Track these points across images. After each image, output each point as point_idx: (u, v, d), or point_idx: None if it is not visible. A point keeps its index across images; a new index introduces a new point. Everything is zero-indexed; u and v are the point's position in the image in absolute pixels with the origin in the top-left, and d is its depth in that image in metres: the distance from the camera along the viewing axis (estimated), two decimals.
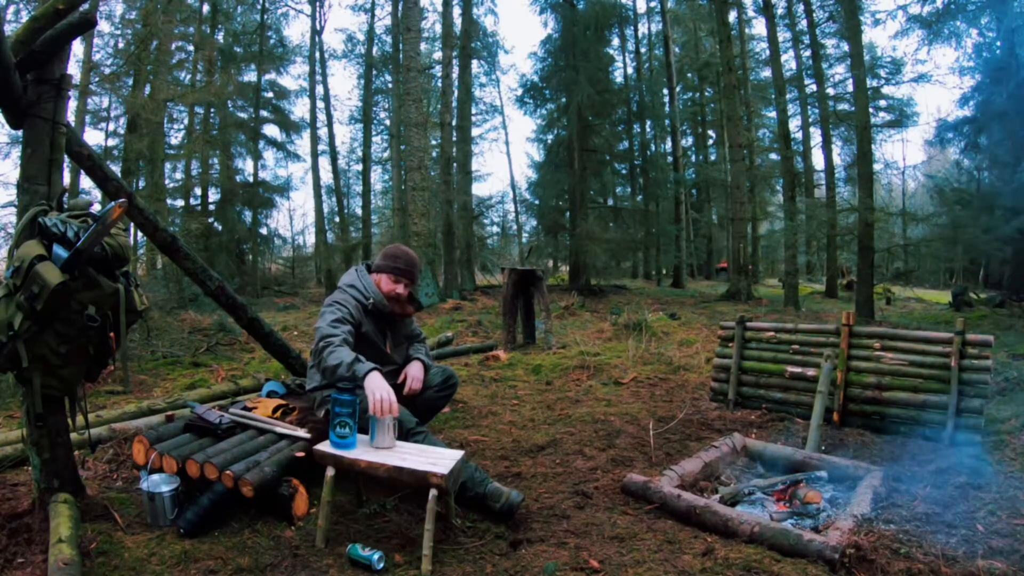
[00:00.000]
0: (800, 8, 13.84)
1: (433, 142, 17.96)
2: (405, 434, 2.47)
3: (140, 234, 9.97)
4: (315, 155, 18.16)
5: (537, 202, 17.41)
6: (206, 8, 14.69)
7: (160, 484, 2.29)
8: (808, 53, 13.96)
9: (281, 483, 2.38)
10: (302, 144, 18.40)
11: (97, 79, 11.08)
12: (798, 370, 3.85)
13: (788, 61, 14.47)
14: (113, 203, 2.04)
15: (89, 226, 2.08)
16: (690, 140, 24.34)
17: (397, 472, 2.12)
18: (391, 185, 21.74)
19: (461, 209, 15.63)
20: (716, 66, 18.08)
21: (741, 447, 3.13)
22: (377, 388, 2.24)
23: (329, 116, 19.15)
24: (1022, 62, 9.36)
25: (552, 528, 2.33)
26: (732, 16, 15.89)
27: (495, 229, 24.98)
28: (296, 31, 61.89)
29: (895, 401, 3.47)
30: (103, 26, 11.47)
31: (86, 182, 11.06)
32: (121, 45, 11.86)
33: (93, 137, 14.92)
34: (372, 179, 21.97)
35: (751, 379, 4.08)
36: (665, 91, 19.21)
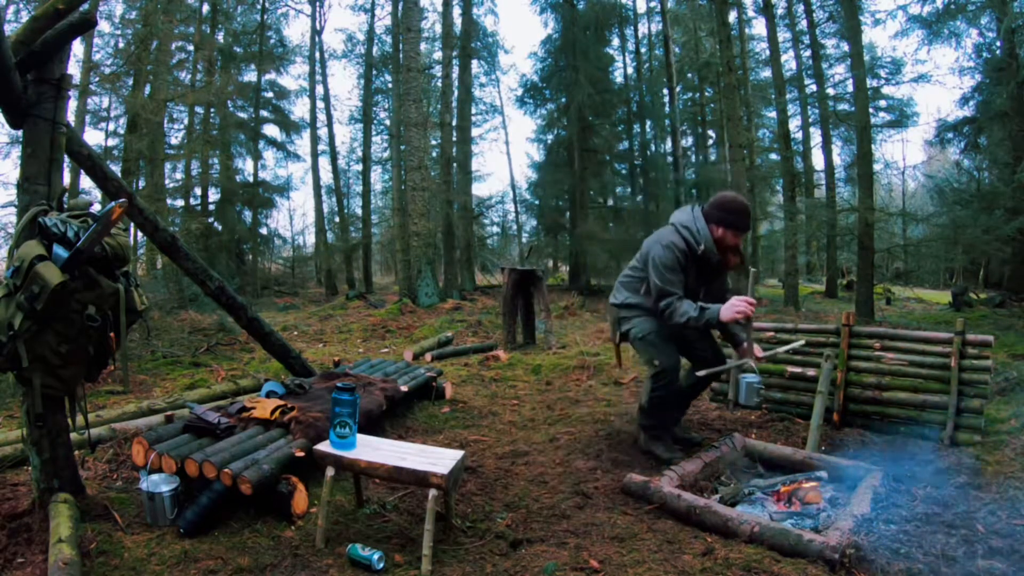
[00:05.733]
0: (800, 8, 13.81)
1: (433, 142, 17.93)
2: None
3: (140, 234, 9.97)
4: (315, 155, 18.18)
5: (537, 202, 17.39)
6: (206, 8, 14.66)
7: (160, 484, 2.29)
8: (808, 53, 13.94)
9: (280, 481, 2.39)
10: (302, 144, 18.41)
11: (97, 79, 11.07)
12: (798, 370, 3.85)
13: (788, 61, 14.45)
14: (113, 203, 2.04)
15: (89, 226, 2.08)
16: (690, 140, 24.24)
17: (397, 472, 2.12)
18: (391, 185, 21.70)
19: (461, 209, 15.61)
20: (716, 66, 18.02)
21: (741, 447, 3.13)
22: (734, 308, 2.53)
23: (329, 116, 19.15)
24: (1022, 62, 9.35)
25: (552, 528, 2.33)
26: (732, 16, 15.83)
27: (495, 229, 24.87)
28: (296, 31, 61.82)
29: (895, 401, 3.47)
30: (103, 26, 11.47)
31: (86, 182, 11.06)
32: (121, 45, 11.86)
33: (93, 137, 14.91)
34: (372, 179, 21.92)
35: None
36: (665, 91, 19.12)
